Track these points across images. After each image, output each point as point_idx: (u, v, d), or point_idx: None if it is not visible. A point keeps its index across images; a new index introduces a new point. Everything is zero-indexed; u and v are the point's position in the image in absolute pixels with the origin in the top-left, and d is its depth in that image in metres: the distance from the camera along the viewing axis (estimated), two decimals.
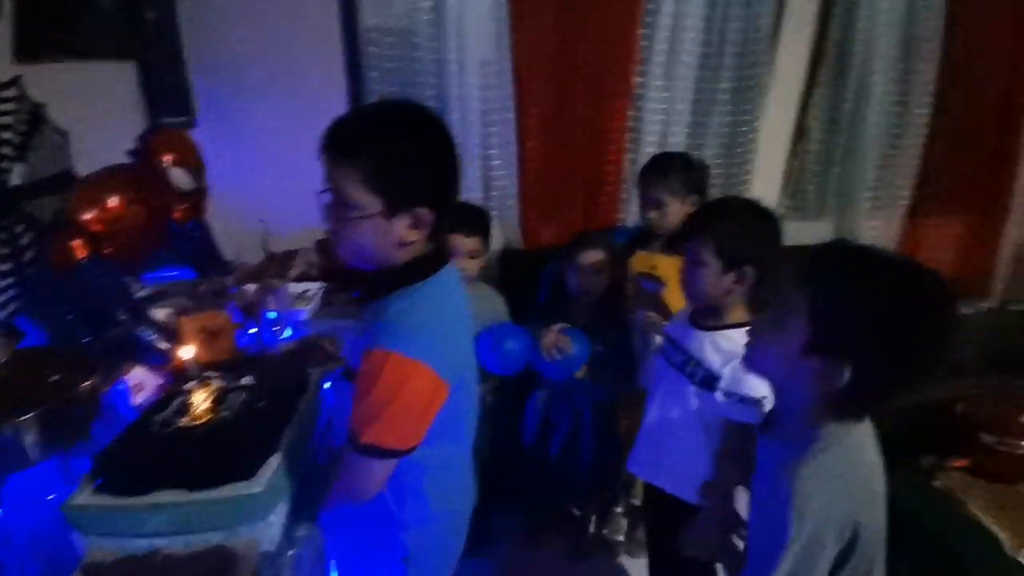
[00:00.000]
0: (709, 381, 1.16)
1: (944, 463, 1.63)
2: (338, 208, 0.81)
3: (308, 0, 1.96)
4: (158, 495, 0.83)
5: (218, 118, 2.03)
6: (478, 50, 1.96)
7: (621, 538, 1.85)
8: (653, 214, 1.57)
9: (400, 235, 0.80)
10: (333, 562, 1.08)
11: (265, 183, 1.95)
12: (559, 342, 1.53)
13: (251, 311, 1.36)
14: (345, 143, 0.79)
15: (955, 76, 2.25)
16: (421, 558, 0.94)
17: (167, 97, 1.85)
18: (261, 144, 2.00)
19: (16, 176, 1.26)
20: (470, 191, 2.13)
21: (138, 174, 1.22)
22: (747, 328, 1.12)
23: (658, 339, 1.44)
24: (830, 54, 2.18)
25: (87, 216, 1.13)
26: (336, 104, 2.07)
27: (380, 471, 0.83)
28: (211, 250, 1.50)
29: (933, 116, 2.29)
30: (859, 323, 0.71)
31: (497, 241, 2.22)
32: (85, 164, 1.45)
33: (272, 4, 1.95)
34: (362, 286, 0.90)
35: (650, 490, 1.42)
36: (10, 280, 1.23)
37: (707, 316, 1.19)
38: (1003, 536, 1.43)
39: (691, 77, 2.09)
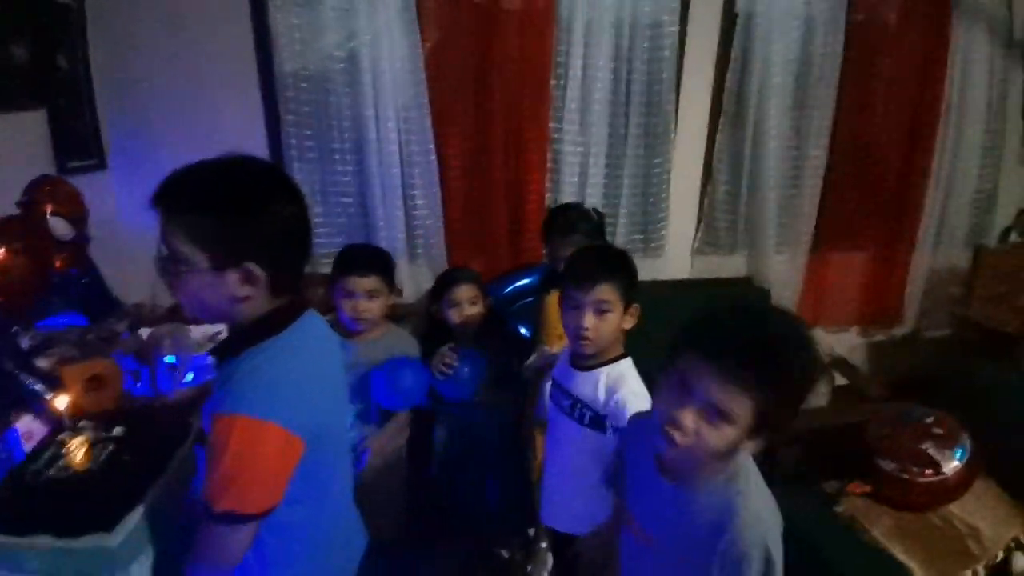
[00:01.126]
0: (597, 420, 1.19)
1: (845, 490, 1.67)
2: (172, 262, 0.80)
3: (225, 45, 1.99)
4: (33, 538, 0.78)
5: (130, 161, 2.01)
6: (394, 96, 2.02)
7: (546, 573, 1.83)
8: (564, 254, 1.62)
9: (232, 291, 0.79)
10: None
11: None
12: (445, 358, 1.54)
13: (143, 357, 1.32)
14: (172, 197, 0.79)
15: (852, 116, 2.43)
16: None
17: (77, 141, 1.82)
18: None
19: None
20: (394, 232, 2.17)
21: (23, 224, 1.18)
22: (622, 359, 1.17)
23: None
24: (729, 102, 2.36)
25: None
26: (253, 147, 2.05)
27: (240, 537, 0.79)
28: (102, 296, 1.45)
29: (831, 156, 2.48)
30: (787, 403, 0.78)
31: (426, 281, 2.24)
32: None
33: (188, 50, 1.97)
34: (213, 348, 0.88)
35: (553, 540, 1.41)
36: None
37: (585, 357, 1.20)
38: (915, 569, 1.42)
39: (603, 123, 2.21)
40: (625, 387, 1.15)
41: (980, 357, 2.11)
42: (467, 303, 1.67)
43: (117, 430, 1.00)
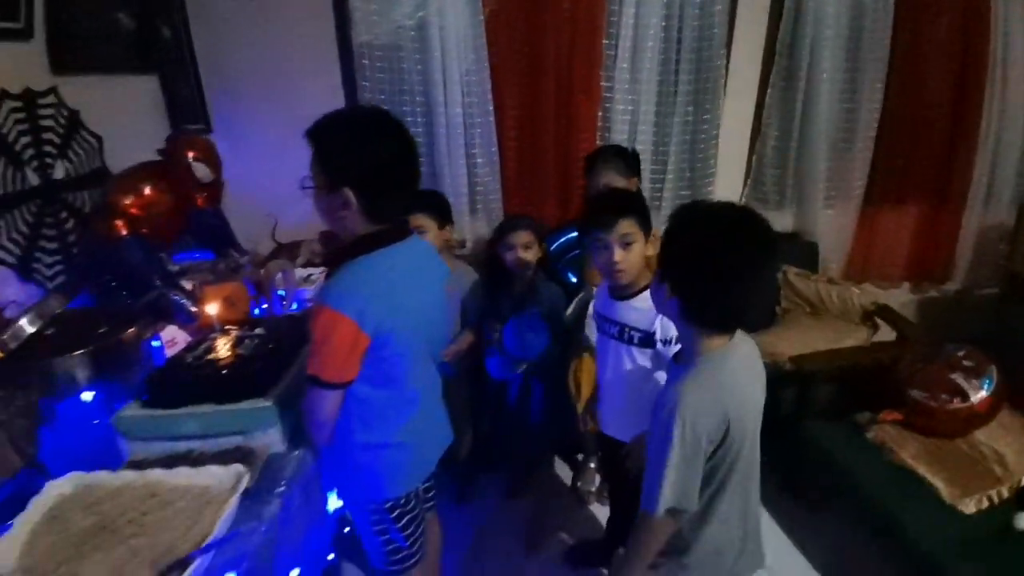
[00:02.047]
0: (646, 340, 1.37)
1: (876, 417, 1.79)
2: (308, 182, 1.04)
3: (306, 20, 2.21)
4: (192, 407, 1.05)
5: (230, 125, 2.29)
6: (458, 62, 2.19)
7: (593, 489, 2.05)
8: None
9: (337, 210, 1.01)
10: None
11: (272, 181, 2.16)
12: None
13: (264, 287, 1.59)
14: (311, 133, 1.02)
15: (904, 73, 2.43)
16: (374, 473, 1.13)
17: (186, 107, 2.10)
18: (268, 147, 2.22)
19: (58, 171, 1.51)
20: (458, 188, 2.37)
21: (166, 169, 1.46)
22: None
23: None
24: (781, 57, 2.40)
25: (126, 201, 1.36)
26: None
27: (325, 399, 1.01)
28: (228, 234, 1.73)
29: (883, 113, 2.49)
30: (676, 259, 0.96)
31: (483, 231, 2.46)
32: (118, 164, 1.71)
33: (274, 23, 2.19)
34: (330, 254, 1.12)
35: (607, 447, 1.61)
36: (57, 257, 1.48)
37: (623, 288, 1.38)
38: (940, 486, 1.54)
39: (653, 80, 2.31)
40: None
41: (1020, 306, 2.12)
42: (521, 247, 1.86)
43: (258, 330, 1.27)
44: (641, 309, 1.35)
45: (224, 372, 1.13)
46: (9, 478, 0.94)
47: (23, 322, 1.11)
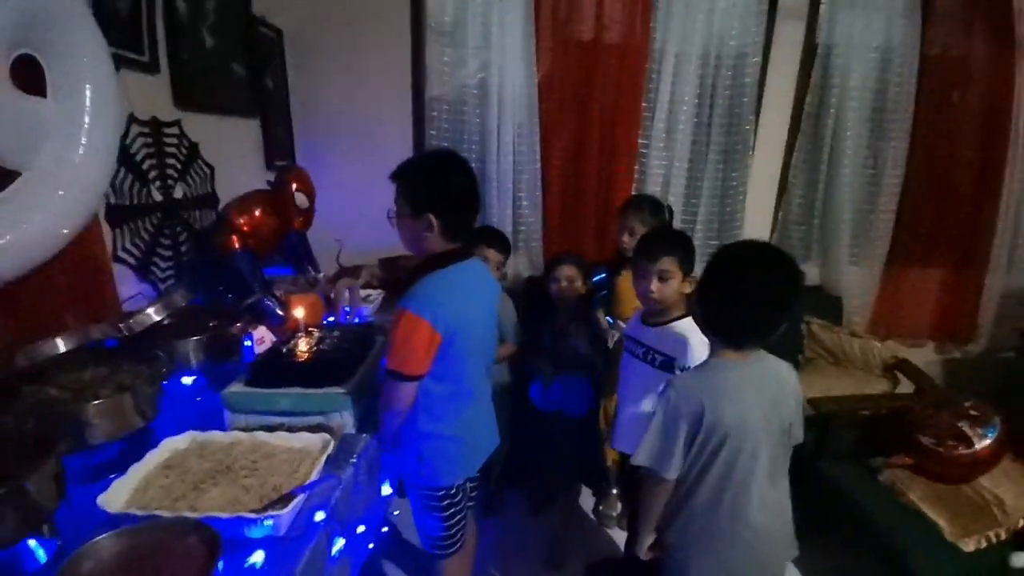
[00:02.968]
0: (667, 364, 1.54)
1: (888, 462, 1.89)
2: (396, 214, 1.30)
3: (387, 75, 2.55)
4: (286, 389, 1.28)
5: (310, 162, 2.62)
6: (513, 116, 2.49)
7: (614, 515, 2.17)
8: (625, 238, 1.99)
9: (420, 232, 1.25)
10: None
11: (341, 212, 2.46)
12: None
13: (334, 301, 1.85)
14: (397, 174, 1.29)
15: (928, 141, 2.61)
16: (430, 462, 1.32)
17: (279, 146, 2.44)
18: (341, 182, 2.52)
19: (178, 192, 1.82)
20: (503, 226, 2.62)
21: (272, 196, 1.75)
22: (685, 318, 1.52)
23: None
24: (807, 123, 2.61)
25: (240, 220, 1.65)
26: (402, 154, 2.61)
27: (404, 390, 1.22)
28: (308, 254, 2.01)
29: (906, 178, 2.66)
30: (705, 278, 1.18)
31: (523, 268, 2.70)
32: (224, 191, 2.02)
33: (359, 76, 2.55)
34: (411, 270, 1.36)
35: (624, 464, 1.76)
36: (170, 263, 1.77)
37: (655, 315, 1.57)
38: (942, 524, 1.64)
39: (687, 138, 2.56)
40: (693, 336, 1.49)
41: None
42: (565, 280, 2.07)
43: (335, 333, 1.50)
44: (668, 336, 1.53)
45: (311, 363, 1.36)
46: (129, 434, 1.16)
47: (151, 311, 1.36)
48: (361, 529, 1.20)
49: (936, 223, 2.74)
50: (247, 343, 1.58)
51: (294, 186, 1.73)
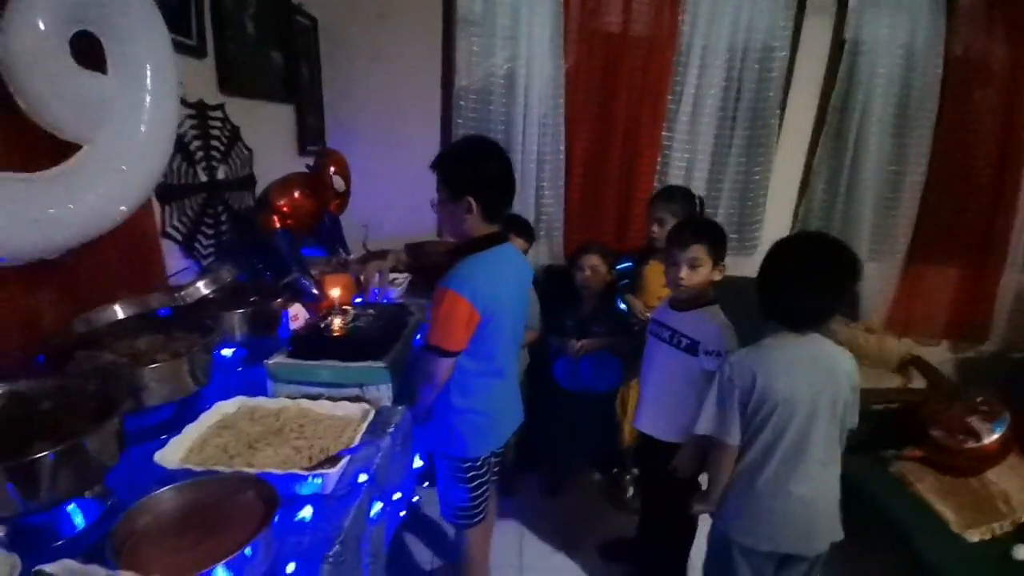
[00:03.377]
0: (692, 347, 1.59)
1: (900, 454, 1.93)
2: (436, 201, 1.36)
3: (417, 65, 2.61)
4: (325, 361, 1.35)
5: (340, 149, 2.68)
6: (538, 107, 2.54)
7: (628, 496, 2.24)
8: (655, 228, 2.03)
9: (460, 216, 1.31)
10: None
11: (368, 198, 2.53)
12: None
13: (364, 282, 1.92)
14: (438, 163, 1.35)
15: (950, 142, 2.62)
16: (459, 433, 1.40)
17: (311, 132, 2.50)
18: (369, 169, 2.57)
19: (221, 173, 1.89)
20: (526, 215, 2.67)
21: (311, 179, 1.82)
22: (712, 304, 1.57)
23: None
24: (831, 121, 2.63)
25: (281, 201, 1.73)
26: (429, 143, 2.70)
27: (443, 365, 1.30)
28: (340, 236, 2.09)
29: (928, 177, 2.67)
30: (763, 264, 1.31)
31: (544, 257, 2.75)
32: (262, 173, 2.09)
33: (389, 67, 2.61)
34: (451, 252, 1.42)
35: (642, 445, 1.82)
36: (212, 240, 1.84)
37: (683, 301, 1.62)
38: (949, 516, 1.70)
39: (710, 133, 2.59)
40: (717, 319, 1.56)
41: None
42: (588, 268, 2.12)
43: (370, 310, 1.58)
44: (695, 321, 1.58)
45: (349, 339, 1.43)
46: (183, 398, 1.24)
47: (200, 284, 1.44)
48: (397, 496, 1.27)
49: (956, 222, 2.75)
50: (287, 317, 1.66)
51: (332, 169, 1.79)
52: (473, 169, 1.31)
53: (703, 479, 1.48)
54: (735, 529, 1.36)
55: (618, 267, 2.43)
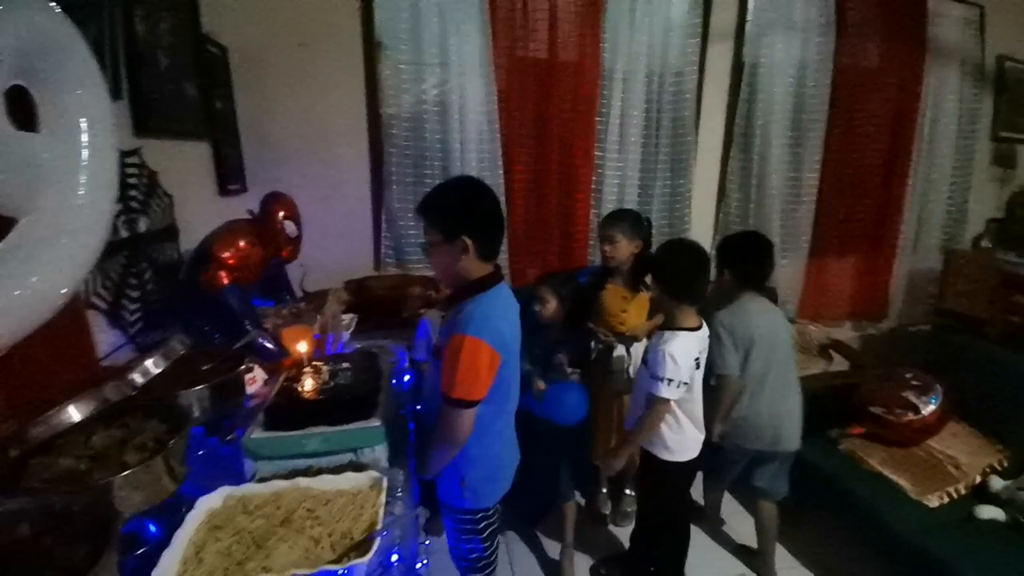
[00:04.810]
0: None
1: (845, 432, 2.13)
2: (428, 245, 1.29)
3: (340, 94, 2.48)
4: (311, 429, 1.22)
5: (262, 185, 2.47)
6: (475, 133, 2.52)
7: (607, 512, 2.25)
8: (607, 247, 2.09)
9: (456, 257, 1.25)
10: None
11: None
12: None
13: (324, 328, 1.78)
14: (424, 205, 1.28)
15: (839, 146, 2.96)
16: (473, 485, 1.33)
17: (230, 170, 2.29)
18: (299, 205, 2.43)
19: (141, 226, 1.67)
20: None
21: (256, 226, 1.65)
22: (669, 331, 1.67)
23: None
24: (738, 136, 2.88)
25: (226, 254, 1.54)
26: (361, 173, 2.58)
27: (468, 418, 1.22)
28: (287, 283, 1.91)
29: (822, 179, 3.00)
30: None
31: None
32: (183, 221, 1.87)
33: (310, 97, 2.46)
34: (448, 298, 1.36)
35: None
36: (138, 304, 1.61)
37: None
38: (904, 484, 1.88)
39: (637, 152, 2.73)
40: (668, 347, 1.62)
41: (953, 334, 2.57)
42: (539, 302, 2.10)
43: (344, 363, 1.45)
44: (654, 342, 1.67)
45: (330, 399, 1.31)
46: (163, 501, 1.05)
47: (149, 363, 1.25)
48: (420, 565, 1.17)
49: (850, 217, 3.11)
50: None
51: (281, 214, 1.64)
52: (466, 209, 1.26)
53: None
54: (732, 435, 1.90)
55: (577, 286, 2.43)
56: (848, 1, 2.78)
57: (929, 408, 1.95)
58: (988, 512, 1.78)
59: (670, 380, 1.56)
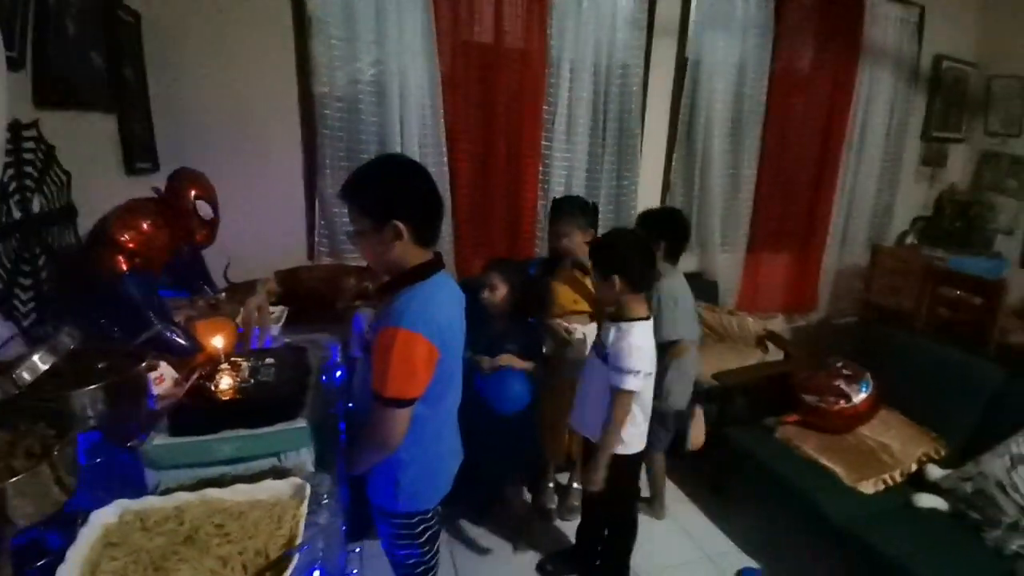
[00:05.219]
0: (606, 358, 1.63)
1: (781, 420, 2.18)
2: (354, 233, 1.18)
3: (267, 69, 2.29)
4: (226, 433, 1.09)
5: (177, 164, 2.24)
6: (415, 117, 2.40)
7: (553, 507, 2.21)
8: (563, 241, 2.05)
9: (387, 244, 1.15)
10: None
11: (223, 222, 2.17)
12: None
13: (246, 322, 1.62)
14: (349, 188, 1.17)
15: (775, 144, 3.05)
16: (409, 487, 1.23)
17: (139, 146, 2.06)
18: (218, 187, 2.23)
19: (35, 206, 1.46)
20: None
21: (163, 205, 1.48)
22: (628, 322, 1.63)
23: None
24: (682, 130, 2.90)
25: (124, 236, 1.36)
26: (292, 155, 2.40)
27: (403, 419, 1.13)
28: (204, 272, 1.73)
29: (759, 176, 3.08)
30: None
31: None
32: (82, 201, 1.66)
33: (233, 71, 2.25)
34: (381, 287, 1.25)
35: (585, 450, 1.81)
36: (31, 293, 1.41)
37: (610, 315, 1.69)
38: (838, 471, 1.92)
39: (585, 144, 2.69)
40: (629, 338, 1.62)
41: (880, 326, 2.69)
42: (488, 288, 2.02)
43: (268, 359, 1.32)
44: (611, 333, 1.64)
45: (248, 399, 1.18)
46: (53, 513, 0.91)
47: (36, 359, 1.08)
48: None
49: (784, 214, 3.22)
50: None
51: (193, 193, 1.47)
52: (396, 190, 1.15)
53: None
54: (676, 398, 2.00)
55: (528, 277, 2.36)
56: (787, 2, 2.86)
57: (860, 396, 2.03)
58: (928, 501, 1.81)
59: (637, 371, 1.55)
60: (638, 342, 1.59)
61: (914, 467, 1.94)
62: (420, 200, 1.18)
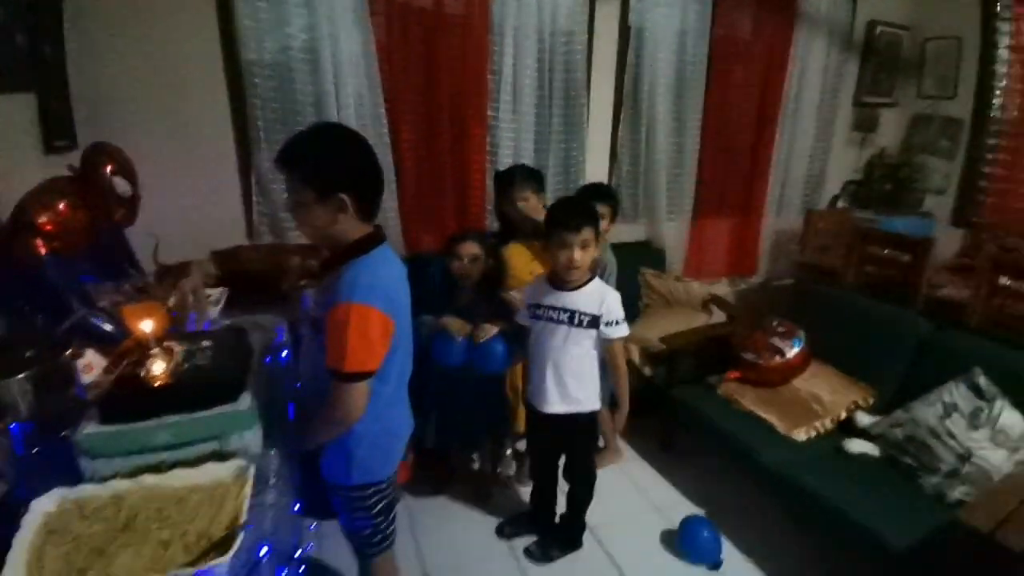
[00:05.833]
0: (593, 322, 1.66)
1: (723, 377, 2.30)
2: (294, 204, 1.13)
3: (190, 37, 2.15)
4: (163, 419, 1.05)
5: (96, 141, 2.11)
6: (352, 85, 2.31)
7: (512, 474, 2.27)
8: (520, 205, 2.06)
9: (331, 217, 1.12)
10: None
11: (148, 200, 2.03)
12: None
13: (180, 306, 1.56)
14: (287, 156, 1.12)
15: (716, 112, 3.10)
16: (362, 461, 1.23)
17: (58, 124, 1.91)
18: (144, 165, 2.08)
19: None
20: None
21: (79, 184, 1.38)
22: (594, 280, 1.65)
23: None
24: (627, 101, 2.92)
25: (42, 219, 1.27)
26: (220, 126, 2.28)
27: (362, 391, 1.12)
28: (128, 252, 1.64)
29: (702, 145, 3.15)
30: None
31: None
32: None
33: (153, 41, 2.11)
34: (323, 263, 1.21)
35: (539, 423, 1.84)
36: None
37: (573, 280, 1.66)
38: (774, 422, 2.04)
39: (531, 112, 2.66)
40: (610, 293, 1.68)
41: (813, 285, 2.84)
42: (467, 256, 1.99)
43: (205, 343, 1.27)
44: (590, 297, 1.66)
45: (185, 383, 1.14)
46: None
47: None
48: (298, 553, 1.07)
49: (725, 181, 3.31)
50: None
51: (109, 169, 1.38)
52: (340, 162, 1.12)
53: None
54: None
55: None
56: None
57: (793, 351, 2.15)
58: (858, 446, 1.90)
59: (623, 318, 1.66)
60: (613, 293, 1.69)
61: (843, 414, 2.07)
62: (365, 173, 1.16)
